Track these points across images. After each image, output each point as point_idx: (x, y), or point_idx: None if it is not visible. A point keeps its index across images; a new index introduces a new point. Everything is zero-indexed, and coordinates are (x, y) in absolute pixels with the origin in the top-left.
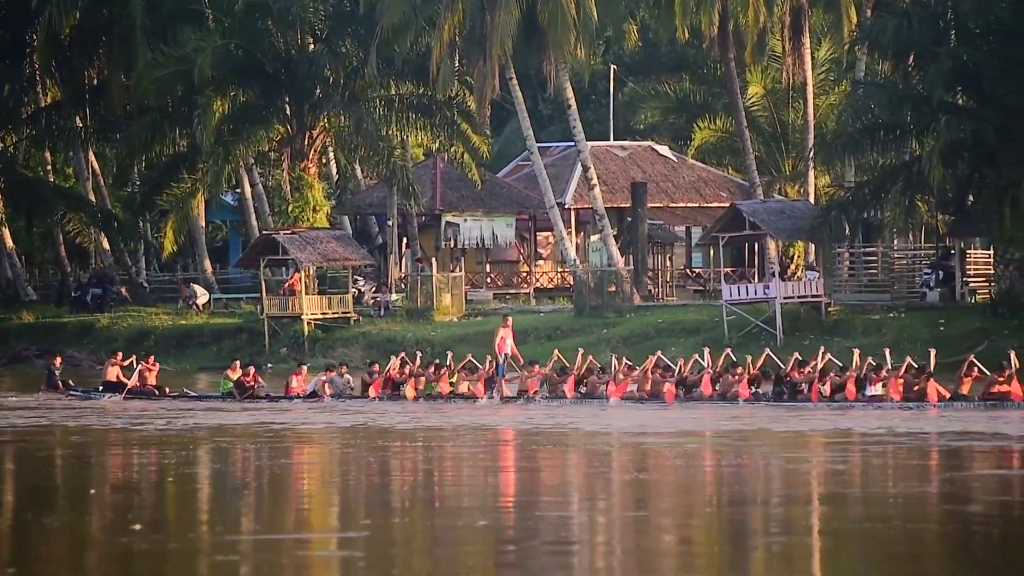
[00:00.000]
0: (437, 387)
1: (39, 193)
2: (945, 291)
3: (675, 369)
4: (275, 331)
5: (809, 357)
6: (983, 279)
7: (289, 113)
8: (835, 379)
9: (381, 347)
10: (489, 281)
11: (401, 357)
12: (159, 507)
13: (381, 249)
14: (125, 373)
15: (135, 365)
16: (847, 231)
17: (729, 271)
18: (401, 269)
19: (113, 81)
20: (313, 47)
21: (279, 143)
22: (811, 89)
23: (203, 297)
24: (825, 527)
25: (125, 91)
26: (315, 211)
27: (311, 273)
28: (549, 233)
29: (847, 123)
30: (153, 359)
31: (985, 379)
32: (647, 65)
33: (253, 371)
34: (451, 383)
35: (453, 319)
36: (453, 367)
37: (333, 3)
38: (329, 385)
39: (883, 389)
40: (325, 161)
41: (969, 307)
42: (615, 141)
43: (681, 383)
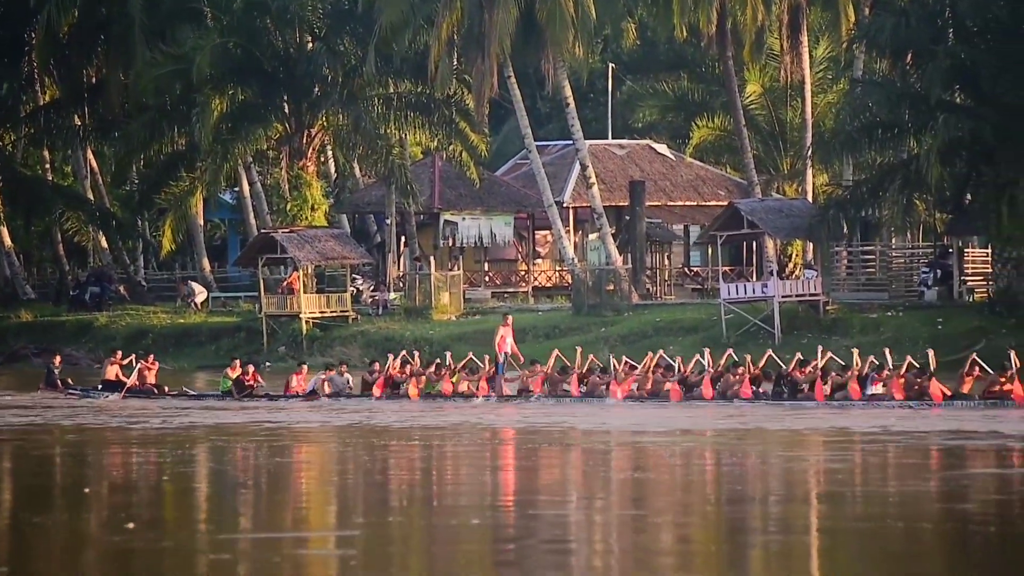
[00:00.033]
0: (439, 386)
1: (37, 192)
2: (943, 290)
3: (675, 368)
4: (273, 330)
5: (808, 356)
6: (981, 277)
7: (287, 111)
8: (836, 378)
9: (379, 346)
10: (487, 280)
11: (402, 356)
12: (152, 506)
13: (379, 248)
14: (124, 372)
15: (134, 364)
16: (845, 230)
17: (727, 270)
18: (399, 268)
19: (112, 80)
20: (311, 45)
21: (277, 141)
22: (809, 87)
23: (201, 295)
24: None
25: (124, 90)
26: (313, 210)
27: (309, 272)
28: (547, 232)
29: (845, 121)
30: (152, 358)
31: (987, 378)
32: (645, 63)
33: (253, 370)
34: (452, 382)
35: (451, 318)
36: (454, 367)
37: (331, 1)
38: (329, 384)
39: (883, 388)
40: (323, 159)
41: (967, 305)
42: (613, 139)
43: (682, 382)
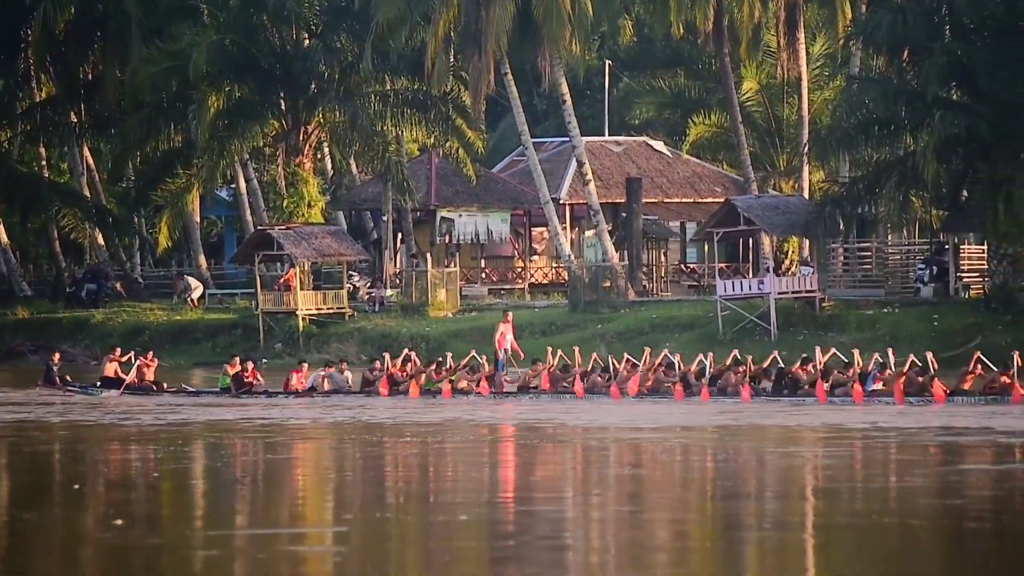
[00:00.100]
0: (440, 385)
1: (34, 188)
2: (939, 286)
3: (676, 367)
4: (270, 327)
5: (804, 352)
6: (977, 274)
7: (284, 108)
8: (838, 376)
9: (376, 342)
10: (484, 276)
11: (404, 355)
12: (141, 502)
13: (376, 244)
14: (123, 369)
15: (133, 361)
16: (841, 226)
17: (724, 266)
18: (396, 264)
19: (108, 76)
20: (308, 42)
21: (274, 138)
22: (806, 84)
23: (197, 290)
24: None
25: (120, 86)
26: (310, 206)
27: (306, 268)
28: (544, 228)
29: (841, 118)
30: (152, 355)
31: (988, 375)
32: (642, 60)
33: (252, 367)
34: (451, 380)
35: (448, 314)
36: (454, 366)
37: None
38: (328, 381)
39: (884, 385)
40: (320, 156)
41: (963, 302)
42: (610, 136)
43: (683, 380)
